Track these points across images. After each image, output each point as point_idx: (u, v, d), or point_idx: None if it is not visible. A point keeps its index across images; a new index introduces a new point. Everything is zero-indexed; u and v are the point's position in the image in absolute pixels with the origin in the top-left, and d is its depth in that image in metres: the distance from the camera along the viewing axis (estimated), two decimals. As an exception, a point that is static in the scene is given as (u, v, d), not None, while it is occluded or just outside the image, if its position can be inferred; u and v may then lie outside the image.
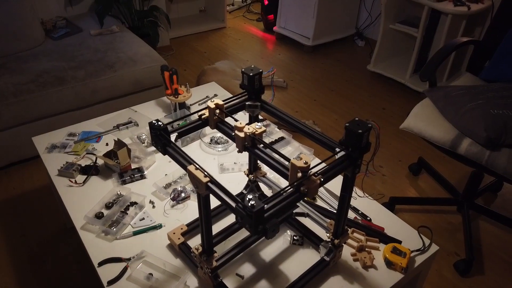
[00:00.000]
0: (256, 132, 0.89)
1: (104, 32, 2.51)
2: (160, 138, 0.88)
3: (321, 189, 1.30)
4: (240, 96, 1.07)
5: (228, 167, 1.41)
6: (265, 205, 0.71)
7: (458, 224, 1.84)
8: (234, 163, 1.42)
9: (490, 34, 1.70)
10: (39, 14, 2.48)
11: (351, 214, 1.23)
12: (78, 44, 2.36)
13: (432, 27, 2.70)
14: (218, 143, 1.51)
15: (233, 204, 0.74)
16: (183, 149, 1.50)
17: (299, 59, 3.41)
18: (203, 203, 0.84)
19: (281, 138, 1.55)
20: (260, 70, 1.04)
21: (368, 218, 1.21)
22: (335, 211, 1.20)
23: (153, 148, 1.46)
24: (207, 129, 1.59)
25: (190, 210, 1.24)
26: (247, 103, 1.06)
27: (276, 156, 0.86)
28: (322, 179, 0.79)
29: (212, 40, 3.74)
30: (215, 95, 1.86)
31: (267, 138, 1.54)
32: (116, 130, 1.57)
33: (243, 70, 1.03)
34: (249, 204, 0.69)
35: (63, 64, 2.14)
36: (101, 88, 2.10)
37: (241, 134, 0.88)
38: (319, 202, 1.27)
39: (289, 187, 0.78)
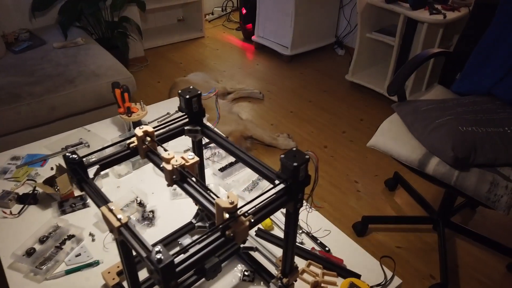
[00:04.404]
0: (186, 164, 0.79)
1: (68, 45, 2.41)
2: (75, 173, 0.78)
3: (279, 216, 1.21)
4: (180, 119, 0.98)
5: (181, 193, 1.30)
6: (176, 258, 0.61)
7: (434, 243, 1.75)
8: (188, 187, 1.32)
9: (461, 44, 1.62)
10: (1, 27, 2.37)
11: (309, 244, 1.14)
12: (40, 58, 2.26)
13: (409, 36, 2.64)
14: (173, 165, 1.41)
15: (144, 255, 0.64)
16: (134, 172, 1.39)
17: (277, 69, 3.33)
18: (122, 248, 0.74)
19: (242, 158, 1.45)
20: (199, 92, 0.94)
21: (327, 249, 1.11)
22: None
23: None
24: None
25: (134, 243, 1.13)
26: (186, 127, 0.96)
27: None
28: (252, 220, 0.69)
29: (189, 51, 3.65)
30: (177, 111, 1.76)
31: (226, 159, 1.44)
32: (64, 152, 1.46)
33: (179, 92, 0.94)
34: (156, 258, 0.59)
35: (20, 79, 2.03)
36: (60, 105, 1.99)
37: (169, 167, 0.78)
38: (276, 231, 1.17)
39: (213, 231, 0.68)
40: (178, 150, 1.46)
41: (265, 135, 2.33)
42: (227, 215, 0.69)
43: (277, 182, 0.78)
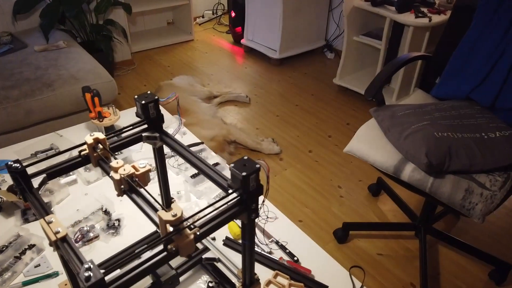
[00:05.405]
0: (136, 173, 0.76)
1: (50, 48, 2.37)
2: (17, 183, 0.74)
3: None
4: (138, 125, 0.94)
5: (150, 200, 1.27)
6: (108, 276, 0.58)
7: (416, 250, 1.72)
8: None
9: (440, 48, 1.59)
10: (-20, 30, 2.34)
11: (278, 253, 1.10)
12: (19, 61, 2.22)
13: (396, 39, 2.62)
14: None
15: (76, 272, 0.60)
16: (104, 179, 1.36)
17: (266, 72, 3.30)
18: (63, 262, 0.71)
19: (216, 164, 1.42)
20: (156, 97, 0.91)
21: (295, 259, 1.08)
22: (263, 251, 1.07)
23: (67, 180, 1.32)
24: (134, 157, 1.45)
25: (98, 253, 1.10)
26: (143, 134, 0.93)
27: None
28: (198, 233, 0.66)
29: (178, 54, 3.62)
30: (154, 116, 1.72)
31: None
32: (33, 158, 1.43)
33: (135, 97, 0.91)
34: (84, 276, 0.55)
35: (-3, 83, 1.99)
36: (36, 109, 1.95)
37: (116, 176, 0.74)
38: (244, 240, 1.13)
39: (153, 244, 0.64)
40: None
41: (249, 139, 2.30)
42: (171, 228, 0.65)
43: (230, 191, 0.75)
